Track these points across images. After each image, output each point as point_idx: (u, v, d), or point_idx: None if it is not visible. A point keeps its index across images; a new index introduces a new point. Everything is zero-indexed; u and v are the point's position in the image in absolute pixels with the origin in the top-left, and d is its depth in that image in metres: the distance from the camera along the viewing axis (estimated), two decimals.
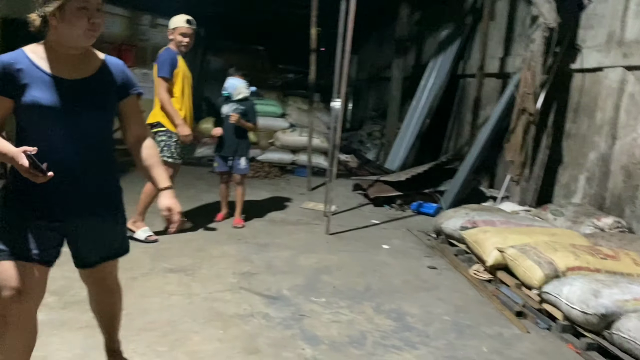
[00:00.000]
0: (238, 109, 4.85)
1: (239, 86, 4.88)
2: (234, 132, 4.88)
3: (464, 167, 6.03)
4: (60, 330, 2.75)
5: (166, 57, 4.26)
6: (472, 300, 3.69)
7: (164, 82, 4.19)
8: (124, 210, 2.22)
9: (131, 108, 2.10)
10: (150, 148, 2.16)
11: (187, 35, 4.34)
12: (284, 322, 3.07)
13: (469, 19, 7.77)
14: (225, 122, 4.87)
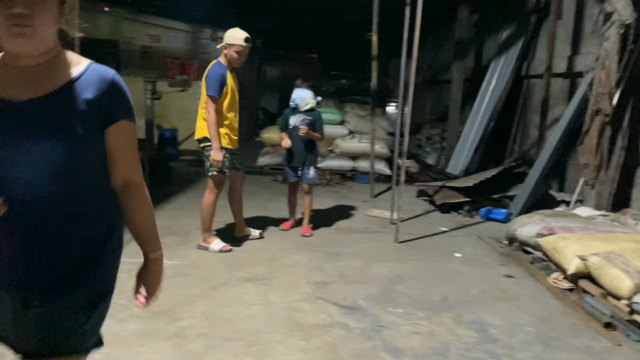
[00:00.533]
0: (306, 120, 4.89)
1: (306, 97, 4.90)
2: (302, 142, 4.92)
3: (534, 171, 5.84)
4: (150, 340, 2.84)
5: (216, 74, 4.19)
6: (555, 311, 3.56)
7: (212, 101, 4.18)
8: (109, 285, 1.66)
9: (117, 140, 1.49)
10: (140, 201, 1.61)
11: (242, 54, 4.28)
12: (364, 333, 3.06)
13: (533, 18, 7.55)
14: (294, 133, 4.90)
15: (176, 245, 4.46)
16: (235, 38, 4.22)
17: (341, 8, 11.92)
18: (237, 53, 4.24)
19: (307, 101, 4.91)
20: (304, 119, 4.90)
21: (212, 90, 4.15)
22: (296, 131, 4.86)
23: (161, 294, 3.43)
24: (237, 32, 4.25)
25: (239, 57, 4.27)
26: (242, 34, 4.24)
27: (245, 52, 4.28)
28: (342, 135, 8.64)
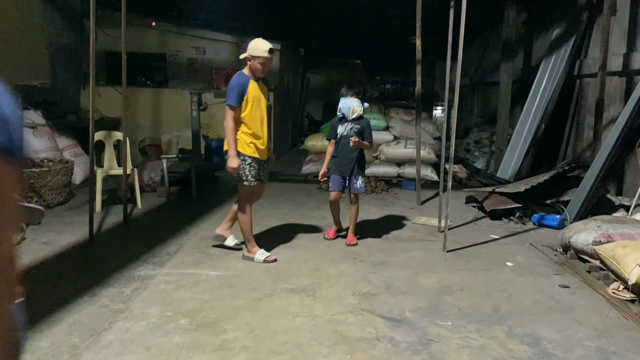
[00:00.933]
0: (354, 128, 4.81)
1: (353, 105, 4.78)
2: (351, 152, 4.82)
3: (590, 174, 5.58)
4: (195, 353, 2.85)
5: (236, 84, 4.21)
6: (614, 323, 3.36)
7: (230, 110, 4.22)
8: None
9: None
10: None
11: (266, 65, 4.26)
12: (411, 347, 2.97)
13: (585, 15, 7.25)
14: (342, 142, 4.84)
15: (221, 256, 4.49)
16: (259, 50, 4.20)
17: (385, 13, 11.83)
18: (261, 64, 4.23)
19: (355, 109, 4.80)
20: (353, 127, 4.82)
21: (230, 99, 4.22)
22: (345, 140, 4.79)
23: (207, 305, 3.47)
24: (261, 44, 4.23)
25: (263, 68, 4.26)
26: (265, 45, 4.23)
27: (269, 63, 4.27)
28: (387, 141, 8.53)
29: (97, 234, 5.01)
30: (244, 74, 4.31)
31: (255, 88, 4.31)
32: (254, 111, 4.30)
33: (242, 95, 4.22)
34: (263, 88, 4.41)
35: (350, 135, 4.76)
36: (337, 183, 4.93)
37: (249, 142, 4.30)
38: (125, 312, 3.33)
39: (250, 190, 4.38)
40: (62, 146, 7.24)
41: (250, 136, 4.31)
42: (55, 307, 3.37)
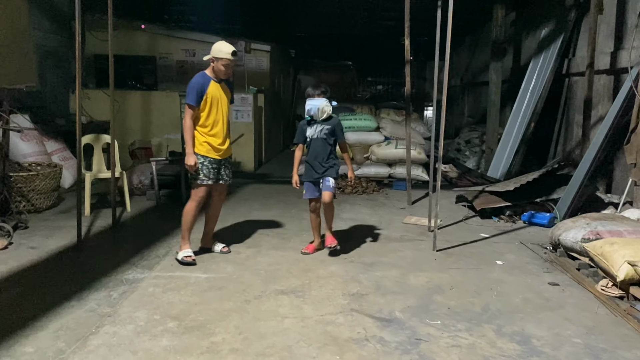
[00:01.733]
0: (325, 130, 4.55)
1: (321, 105, 4.50)
2: (322, 155, 4.56)
3: (579, 172, 5.60)
4: (183, 356, 2.82)
5: (195, 84, 4.27)
6: (604, 320, 3.37)
7: (188, 109, 4.29)
8: None
9: None
10: None
11: (229, 67, 4.30)
12: (400, 347, 2.96)
13: (573, 14, 7.29)
14: (312, 145, 4.58)
15: (210, 259, 4.46)
16: (222, 52, 4.24)
17: (375, 14, 11.84)
18: (224, 66, 4.27)
19: (324, 110, 4.52)
20: (323, 128, 4.56)
21: (188, 98, 4.28)
22: (316, 143, 4.56)
23: (195, 308, 3.44)
24: (224, 46, 4.28)
25: (226, 70, 4.30)
26: (229, 47, 4.28)
27: (232, 65, 4.32)
28: (378, 141, 8.54)
29: (85, 238, 4.97)
30: (205, 74, 4.36)
31: (216, 89, 4.35)
32: (212, 111, 4.35)
33: (201, 96, 4.27)
34: (225, 89, 4.45)
35: (323, 137, 4.55)
36: (311, 190, 4.60)
37: (203, 141, 4.35)
38: (113, 316, 3.31)
39: (201, 188, 4.39)
40: (50, 150, 7.19)
41: (208, 136, 4.36)
42: (42, 311, 3.34)
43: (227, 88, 4.48)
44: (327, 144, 4.56)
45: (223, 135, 4.45)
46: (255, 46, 10.28)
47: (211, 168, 4.38)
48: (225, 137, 4.48)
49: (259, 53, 10.34)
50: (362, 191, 7.55)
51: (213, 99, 4.34)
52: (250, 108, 8.93)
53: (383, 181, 8.19)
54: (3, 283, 3.88)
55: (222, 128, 4.44)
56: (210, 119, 4.36)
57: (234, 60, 4.31)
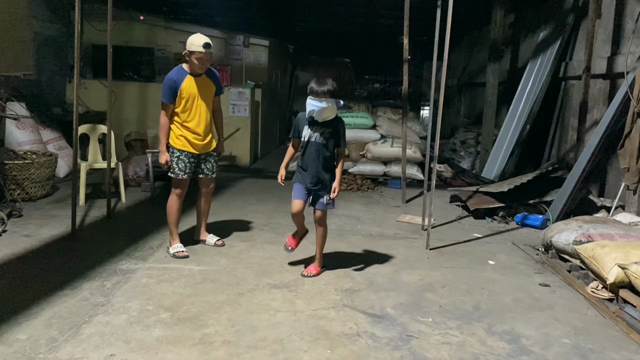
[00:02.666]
0: (325, 133, 3.86)
1: (324, 111, 3.76)
2: (319, 160, 3.91)
3: (572, 175, 5.64)
4: (175, 347, 2.84)
5: (166, 80, 4.21)
6: (592, 322, 3.41)
7: (162, 106, 4.26)
8: None
9: None
10: None
11: (203, 60, 4.17)
12: (391, 343, 2.99)
13: (571, 18, 7.33)
14: (308, 149, 3.92)
15: (204, 252, 4.48)
16: (194, 45, 4.13)
17: (374, 12, 11.85)
18: (198, 60, 4.15)
19: (326, 116, 3.81)
20: (324, 131, 3.86)
21: (162, 96, 4.24)
22: (312, 147, 3.89)
23: (188, 299, 3.46)
24: (197, 39, 4.15)
25: (200, 63, 4.18)
26: (201, 39, 4.14)
27: (205, 58, 4.18)
28: (374, 139, 8.56)
29: (79, 228, 4.97)
30: (181, 69, 4.27)
31: (192, 84, 4.25)
32: (188, 107, 4.27)
33: (174, 92, 4.21)
34: (206, 82, 4.35)
35: (322, 142, 3.86)
36: (300, 192, 3.96)
37: (179, 134, 4.31)
38: (106, 305, 3.32)
39: (177, 182, 4.37)
40: (46, 139, 7.17)
41: (183, 129, 4.30)
42: (35, 300, 3.34)
43: (209, 81, 4.37)
44: (325, 152, 3.89)
45: (201, 129, 4.35)
46: (254, 41, 10.27)
47: (187, 162, 4.33)
48: (205, 132, 4.39)
49: (258, 48, 10.33)
50: (357, 188, 7.57)
51: (190, 95, 4.25)
52: (247, 102, 8.92)
53: (378, 179, 8.21)
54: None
55: (200, 123, 4.34)
56: (186, 114, 4.28)
57: (207, 53, 4.15)
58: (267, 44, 10.42)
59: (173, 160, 4.33)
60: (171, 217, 4.41)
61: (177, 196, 4.40)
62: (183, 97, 4.25)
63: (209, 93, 4.40)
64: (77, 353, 2.72)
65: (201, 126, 4.36)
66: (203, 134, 4.38)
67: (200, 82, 4.31)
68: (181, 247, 4.37)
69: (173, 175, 4.36)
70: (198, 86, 4.29)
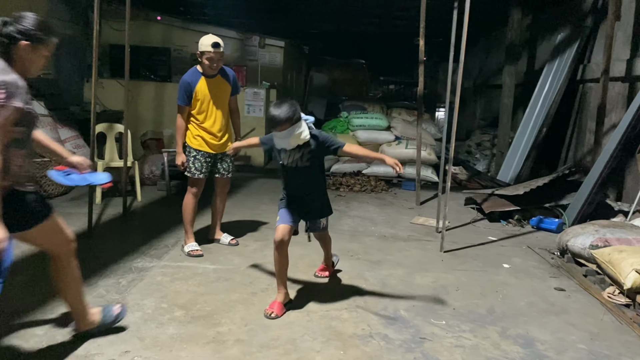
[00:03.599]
0: (306, 154, 3.28)
1: (291, 139, 3.17)
2: (306, 184, 3.40)
3: (589, 179, 5.58)
4: (189, 344, 2.86)
5: (181, 83, 4.26)
6: (608, 327, 3.37)
7: (179, 108, 4.32)
8: None
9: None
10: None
11: (213, 60, 4.18)
12: (404, 345, 2.98)
13: (589, 20, 7.25)
14: (289, 174, 3.39)
15: (218, 251, 4.50)
16: (204, 45, 4.14)
17: (389, 13, 11.82)
18: (208, 60, 4.18)
19: (297, 141, 3.20)
20: (303, 152, 3.27)
21: (178, 99, 4.30)
22: (295, 173, 3.35)
23: (202, 298, 3.48)
24: (206, 39, 4.17)
25: (210, 64, 4.19)
26: (210, 39, 4.15)
27: (216, 58, 4.18)
28: (388, 141, 8.55)
29: (96, 225, 5.03)
30: (196, 71, 4.31)
31: (206, 85, 4.28)
32: (203, 108, 4.32)
33: (189, 95, 4.25)
34: (221, 83, 4.37)
35: (302, 166, 3.31)
36: (287, 216, 3.36)
37: (196, 134, 4.35)
38: (121, 302, 3.34)
39: (193, 181, 4.41)
40: (64, 137, 7.25)
41: (199, 129, 4.34)
42: (52, 295, 3.38)
43: (224, 81, 4.39)
44: (313, 173, 3.38)
45: (217, 130, 4.39)
46: (270, 41, 10.30)
47: (204, 162, 4.38)
48: (221, 132, 4.42)
49: (273, 49, 10.36)
50: (371, 190, 7.56)
51: (205, 96, 4.29)
52: (262, 103, 8.96)
53: (392, 180, 8.19)
54: (15, 266, 3.93)
55: (216, 123, 4.37)
56: (202, 115, 4.33)
57: (217, 52, 4.15)
58: (283, 45, 10.45)
59: (189, 160, 4.37)
60: (186, 215, 4.44)
61: (192, 195, 4.43)
62: (198, 99, 4.29)
63: (224, 93, 4.43)
64: (92, 349, 2.75)
65: (217, 126, 4.39)
66: (219, 134, 4.41)
67: (215, 83, 4.34)
68: (196, 245, 4.40)
69: (189, 174, 4.40)
70: (213, 87, 4.32)
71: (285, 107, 3.12)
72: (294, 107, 3.14)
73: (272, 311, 3.27)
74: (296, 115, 3.14)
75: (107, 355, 2.70)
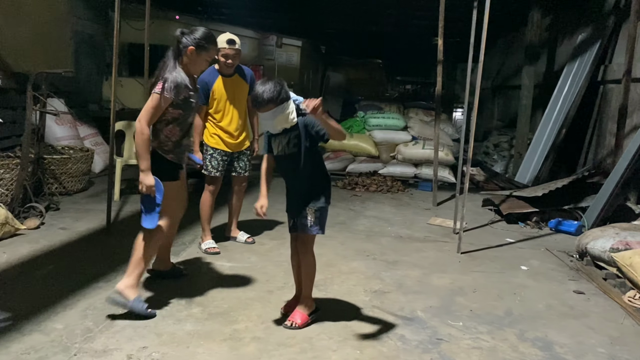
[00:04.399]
0: (292, 138, 2.99)
1: (276, 121, 2.92)
2: (294, 172, 3.11)
3: (610, 181, 5.50)
4: (206, 341, 2.87)
5: (199, 82, 3.93)
6: (629, 332, 3.31)
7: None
8: None
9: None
10: None
11: (229, 57, 4.17)
12: (421, 346, 2.96)
13: (611, 20, 7.15)
14: (282, 165, 3.16)
15: (235, 248, 4.53)
16: (219, 42, 4.03)
17: (407, 13, 11.78)
18: (224, 57, 4.17)
19: (282, 124, 2.95)
20: (289, 138, 3.00)
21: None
22: (285, 162, 3.11)
23: (219, 295, 3.50)
24: (222, 36, 4.12)
25: (226, 61, 4.19)
26: (225, 36, 4.15)
27: (231, 55, 4.17)
28: (405, 141, 8.52)
29: (114, 222, 5.08)
30: (214, 70, 4.31)
31: (223, 85, 4.30)
32: (220, 107, 4.34)
33: (206, 94, 4.26)
34: (237, 82, 4.37)
35: (290, 152, 3.02)
36: (289, 223, 3.24)
37: (213, 132, 4.38)
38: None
39: (210, 179, 4.44)
40: (83, 135, 7.35)
41: (216, 128, 4.37)
42: (71, 290, 3.43)
43: (241, 80, 4.39)
44: (302, 160, 3.03)
45: (234, 129, 4.40)
46: (287, 41, 10.33)
47: (220, 160, 4.40)
48: (238, 131, 4.43)
49: (290, 48, 10.39)
50: (387, 190, 7.54)
51: (222, 96, 4.31)
52: None
53: (408, 181, 8.16)
54: (35, 261, 4.00)
55: (233, 122, 4.39)
56: (219, 114, 4.35)
57: (233, 50, 4.15)
58: (300, 44, 10.47)
59: (207, 158, 4.40)
60: (204, 213, 4.47)
61: (210, 193, 4.46)
62: (215, 98, 4.31)
63: (242, 92, 4.43)
64: (110, 344, 2.77)
65: (233, 125, 4.40)
66: (236, 133, 4.43)
67: (232, 82, 4.35)
68: (213, 243, 4.43)
69: (206, 172, 4.42)
70: (230, 86, 4.34)
71: (269, 86, 2.85)
72: (279, 87, 2.87)
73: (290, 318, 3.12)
74: (282, 95, 2.87)
75: (125, 350, 2.72)
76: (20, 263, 3.93)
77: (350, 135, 8.65)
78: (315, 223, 3.06)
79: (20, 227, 4.57)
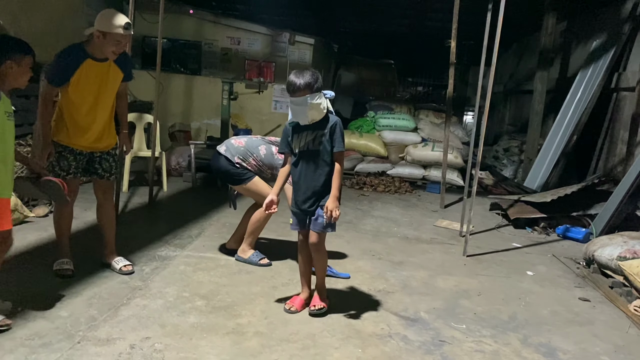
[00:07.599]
0: (318, 137, 3.05)
1: (309, 111, 2.97)
2: (315, 175, 3.10)
3: (620, 189, 5.46)
4: (209, 334, 2.88)
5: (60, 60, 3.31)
6: (634, 340, 3.29)
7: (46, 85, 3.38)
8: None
9: None
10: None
11: (120, 46, 3.32)
12: (423, 347, 2.96)
13: (627, 27, 7.08)
14: (301, 162, 3.12)
15: None
16: (113, 25, 3.22)
17: (421, 14, 11.74)
18: (116, 43, 3.27)
19: (314, 114, 3.01)
20: (315, 135, 3.05)
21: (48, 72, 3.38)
22: (304, 158, 3.10)
23: (223, 289, 3.51)
24: (116, 17, 3.26)
25: (117, 49, 3.31)
26: (121, 19, 3.26)
27: (125, 43, 3.32)
28: (414, 142, 8.50)
29: (122, 213, 5.11)
30: (83, 49, 3.33)
31: (92, 70, 3.35)
32: (82, 95, 3.38)
33: (64, 76, 3.30)
34: (112, 69, 3.45)
35: (315, 149, 3.06)
36: (297, 220, 3.24)
37: (62, 124, 3.45)
38: (144, 289, 3.40)
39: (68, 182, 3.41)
40: None
41: (69, 119, 3.43)
42: (77, 279, 3.46)
43: (116, 67, 3.47)
44: (320, 161, 3.07)
45: (95, 125, 3.48)
46: (299, 38, 10.31)
47: (71, 160, 3.48)
48: (100, 129, 3.51)
49: (302, 46, 10.37)
50: (395, 191, 7.53)
51: (85, 84, 3.36)
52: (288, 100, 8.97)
53: (416, 182, 8.15)
54: (42, 248, 4.03)
55: (95, 117, 3.46)
56: (77, 102, 3.38)
57: (127, 36, 3.30)
58: (312, 42, 10.44)
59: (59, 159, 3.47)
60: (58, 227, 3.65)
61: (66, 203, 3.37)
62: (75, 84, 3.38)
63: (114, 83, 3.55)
64: (114, 333, 2.79)
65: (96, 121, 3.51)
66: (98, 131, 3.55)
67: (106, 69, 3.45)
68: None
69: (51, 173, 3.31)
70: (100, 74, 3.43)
71: (307, 74, 2.98)
72: (315, 76, 2.99)
73: (292, 305, 3.29)
74: (317, 84, 2.97)
75: (128, 339, 2.74)
76: (28, 250, 3.97)
77: (360, 135, 8.64)
78: (329, 222, 3.11)
79: (28, 215, 4.60)
